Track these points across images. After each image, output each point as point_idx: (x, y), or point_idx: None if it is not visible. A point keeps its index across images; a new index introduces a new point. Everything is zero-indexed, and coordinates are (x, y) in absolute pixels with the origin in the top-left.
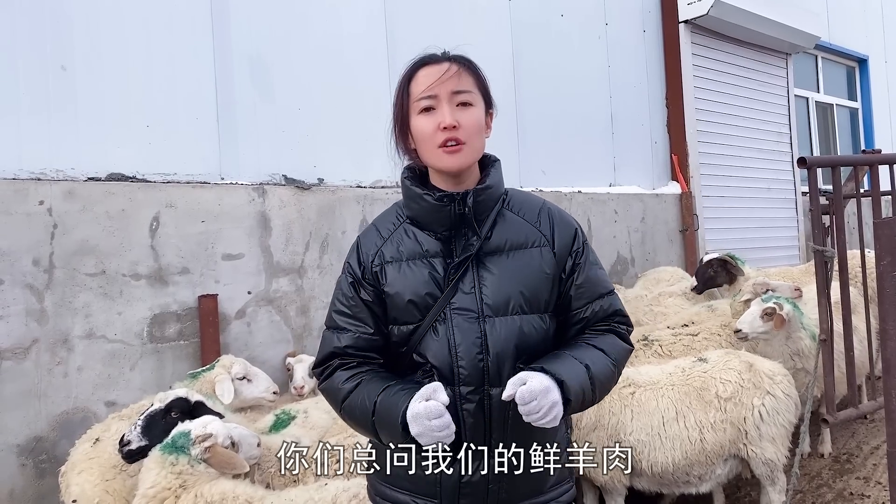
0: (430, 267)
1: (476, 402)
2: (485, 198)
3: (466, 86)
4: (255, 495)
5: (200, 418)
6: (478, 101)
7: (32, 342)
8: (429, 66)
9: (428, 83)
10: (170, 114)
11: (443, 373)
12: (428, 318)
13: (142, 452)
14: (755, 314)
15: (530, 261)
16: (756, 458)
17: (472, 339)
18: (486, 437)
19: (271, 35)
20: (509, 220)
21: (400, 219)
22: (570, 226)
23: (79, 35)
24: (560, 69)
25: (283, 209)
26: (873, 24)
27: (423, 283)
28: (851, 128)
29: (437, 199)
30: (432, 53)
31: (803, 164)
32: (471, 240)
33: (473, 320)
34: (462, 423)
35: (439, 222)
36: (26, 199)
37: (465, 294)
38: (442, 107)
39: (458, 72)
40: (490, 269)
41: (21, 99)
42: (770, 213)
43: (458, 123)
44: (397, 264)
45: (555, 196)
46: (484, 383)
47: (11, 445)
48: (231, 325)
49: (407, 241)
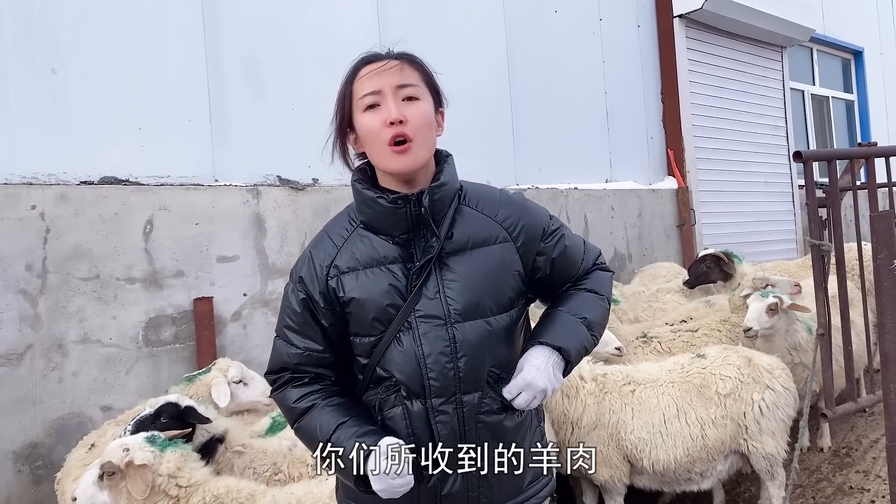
0: (389, 274)
1: (449, 412)
2: (441, 195)
3: (411, 79)
4: (257, 489)
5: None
6: (425, 96)
7: (27, 348)
8: (371, 63)
9: (370, 76)
10: (162, 116)
11: (410, 387)
12: (391, 329)
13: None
14: (760, 310)
15: (494, 258)
16: (756, 453)
17: (441, 347)
18: (462, 443)
19: (263, 35)
20: (468, 216)
21: (353, 224)
22: (534, 213)
23: (69, 37)
24: (555, 65)
25: (278, 210)
26: (868, 16)
27: (383, 292)
28: (847, 120)
29: (391, 201)
30: (375, 52)
31: (799, 157)
32: (430, 241)
33: (441, 326)
34: (436, 436)
35: (396, 225)
36: (18, 203)
37: (430, 300)
38: (387, 101)
39: (401, 66)
40: (454, 270)
41: (11, 102)
42: (767, 206)
43: (405, 118)
44: (354, 273)
45: (551, 193)
46: (456, 392)
47: (7, 452)
48: (227, 328)
49: (362, 248)
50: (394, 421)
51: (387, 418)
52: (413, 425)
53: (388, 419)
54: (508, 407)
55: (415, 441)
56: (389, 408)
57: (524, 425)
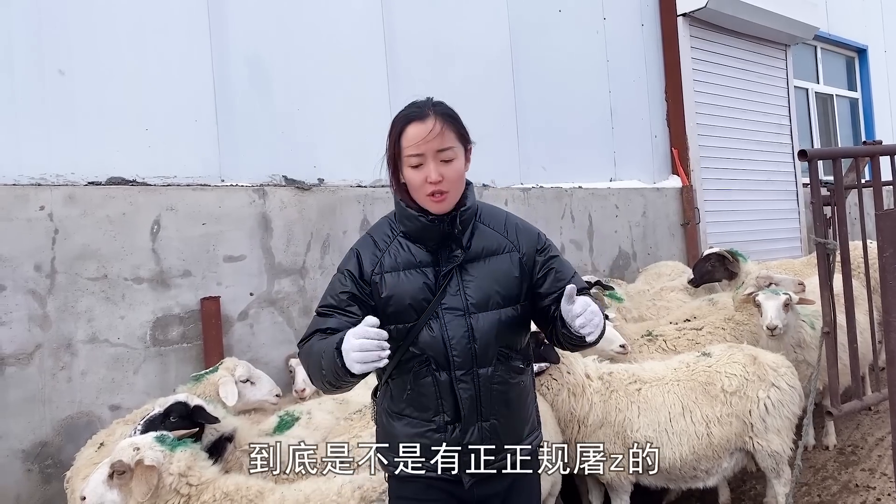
0: (423, 275)
1: (468, 381)
2: (466, 217)
3: (449, 142)
4: (266, 487)
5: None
6: (459, 154)
7: (36, 347)
8: (415, 122)
9: (416, 142)
10: (169, 117)
11: (438, 360)
12: (424, 317)
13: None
14: (778, 307)
15: (502, 264)
16: (762, 451)
17: (462, 331)
18: (478, 407)
19: (269, 36)
20: (483, 232)
21: (394, 232)
22: (531, 231)
23: (76, 39)
24: (559, 65)
25: (284, 210)
26: (872, 14)
27: (418, 288)
28: (852, 118)
29: (429, 220)
30: (418, 109)
31: (804, 156)
32: (455, 252)
33: (461, 316)
34: (459, 400)
35: (430, 238)
36: (27, 204)
37: (453, 296)
38: (428, 164)
39: (442, 131)
40: (471, 274)
41: (19, 104)
42: (771, 205)
43: (442, 177)
44: (395, 273)
45: (555, 192)
46: (473, 365)
47: (17, 451)
48: (234, 327)
49: (402, 253)
50: (425, 387)
51: (420, 385)
52: (440, 390)
53: (421, 386)
54: (513, 378)
55: (442, 406)
56: (422, 378)
57: (525, 392)
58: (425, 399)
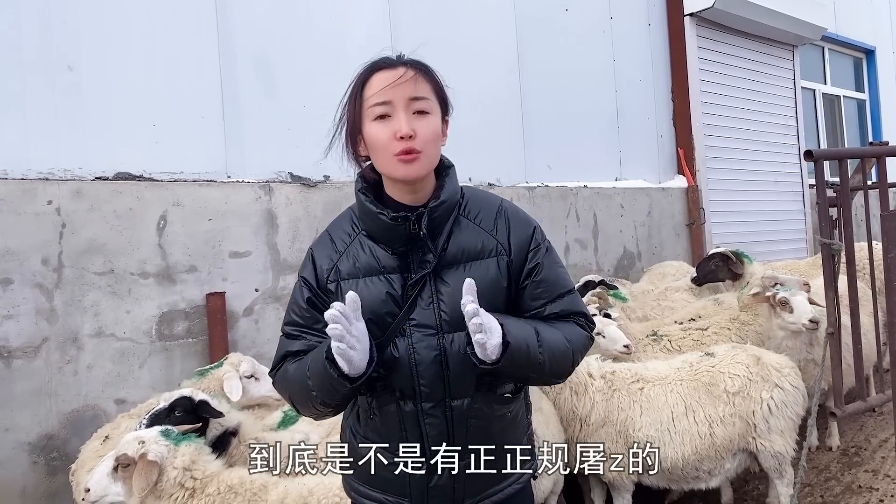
0: (387, 284)
1: (438, 415)
2: (440, 213)
3: (424, 92)
4: (269, 481)
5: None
6: (435, 109)
7: (42, 341)
8: (384, 70)
9: (382, 87)
10: (176, 112)
11: (404, 390)
12: (387, 336)
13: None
14: (807, 301)
15: (486, 272)
16: (765, 451)
17: (432, 356)
18: (450, 444)
19: (275, 33)
20: (465, 229)
21: (356, 229)
22: (527, 226)
23: (85, 35)
24: (565, 64)
25: (290, 206)
26: (880, 15)
27: (380, 301)
28: (859, 119)
29: (391, 219)
30: (387, 57)
31: (810, 157)
32: (426, 256)
33: (433, 336)
34: (425, 436)
35: (395, 240)
36: (34, 198)
37: (424, 310)
38: (398, 114)
39: (415, 77)
40: (447, 282)
41: (28, 99)
42: (777, 206)
43: (414, 132)
44: (353, 281)
45: (561, 191)
46: (445, 396)
47: (23, 443)
48: (239, 323)
49: (363, 257)
50: (388, 417)
51: (382, 414)
52: (405, 423)
53: (382, 415)
54: (498, 410)
55: (407, 438)
56: (385, 405)
57: (512, 424)
58: (387, 429)
